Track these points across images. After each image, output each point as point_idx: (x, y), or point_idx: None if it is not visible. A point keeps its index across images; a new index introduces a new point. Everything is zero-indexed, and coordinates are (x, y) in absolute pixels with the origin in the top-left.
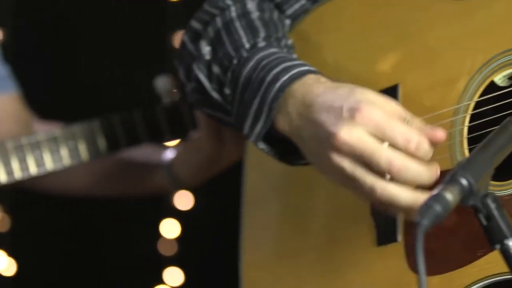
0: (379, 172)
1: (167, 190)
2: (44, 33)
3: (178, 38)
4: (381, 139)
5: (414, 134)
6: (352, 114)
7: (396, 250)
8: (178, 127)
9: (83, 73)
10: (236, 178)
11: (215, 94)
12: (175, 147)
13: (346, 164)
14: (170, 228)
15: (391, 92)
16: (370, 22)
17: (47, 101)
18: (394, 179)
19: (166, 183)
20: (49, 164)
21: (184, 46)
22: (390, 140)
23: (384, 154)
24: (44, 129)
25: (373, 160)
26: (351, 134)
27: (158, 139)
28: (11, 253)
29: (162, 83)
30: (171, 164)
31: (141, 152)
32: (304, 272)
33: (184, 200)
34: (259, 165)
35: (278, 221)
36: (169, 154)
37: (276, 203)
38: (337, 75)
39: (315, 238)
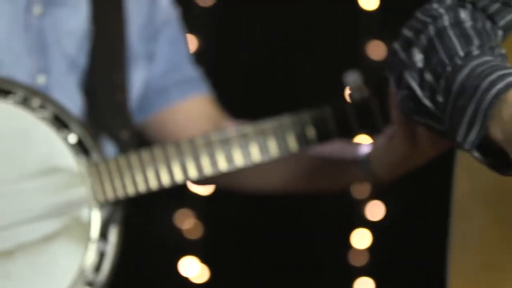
0: None
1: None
2: (237, 36)
3: (371, 47)
4: None
5: None
6: None
7: None
8: (368, 123)
9: (276, 74)
10: (427, 190)
11: (427, 102)
12: (370, 143)
13: None
14: (361, 239)
15: None
16: None
17: (240, 101)
18: None
19: (362, 178)
20: (239, 160)
21: (395, 54)
22: None
23: None
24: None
25: None
26: None
27: (348, 135)
28: (203, 260)
29: (351, 78)
30: (367, 159)
31: (334, 148)
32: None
33: (375, 210)
34: (470, 174)
35: (487, 232)
36: (365, 149)
37: (487, 212)
38: None
39: None
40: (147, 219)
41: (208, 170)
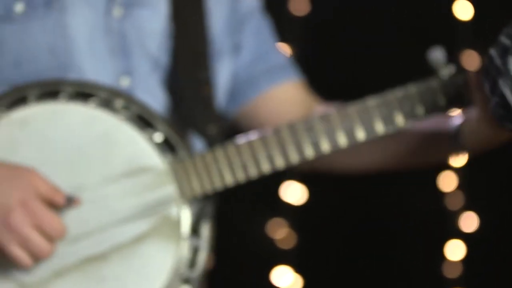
0: None
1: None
2: (331, 45)
3: (465, 57)
4: None
5: None
6: None
7: None
8: (456, 99)
9: (368, 84)
10: None
11: None
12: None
13: None
14: (455, 250)
15: None
16: None
17: (331, 86)
18: None
19: (454, 151)
20: (325, 146)
21: (491, 61)
22: None
23: None
24: (323, 111)
25: None
26: None
27: (436, 113)
28: (297, 270)
29: (436, 55)
30: (458, 132)
31: (427, 122)
32: None
33: (469, 221)
34: None
35: None
36: (457, 121)
37: None
38: None
39: None
40: (240, 229)
41: (294, 158)
